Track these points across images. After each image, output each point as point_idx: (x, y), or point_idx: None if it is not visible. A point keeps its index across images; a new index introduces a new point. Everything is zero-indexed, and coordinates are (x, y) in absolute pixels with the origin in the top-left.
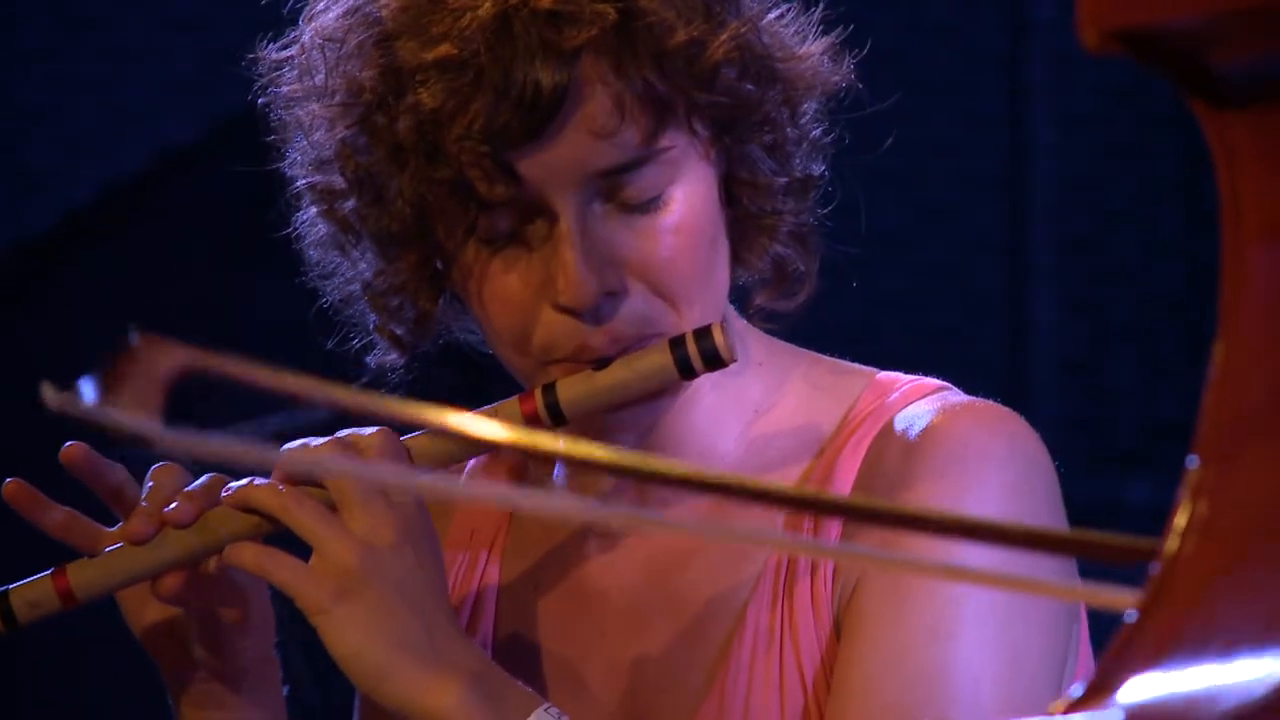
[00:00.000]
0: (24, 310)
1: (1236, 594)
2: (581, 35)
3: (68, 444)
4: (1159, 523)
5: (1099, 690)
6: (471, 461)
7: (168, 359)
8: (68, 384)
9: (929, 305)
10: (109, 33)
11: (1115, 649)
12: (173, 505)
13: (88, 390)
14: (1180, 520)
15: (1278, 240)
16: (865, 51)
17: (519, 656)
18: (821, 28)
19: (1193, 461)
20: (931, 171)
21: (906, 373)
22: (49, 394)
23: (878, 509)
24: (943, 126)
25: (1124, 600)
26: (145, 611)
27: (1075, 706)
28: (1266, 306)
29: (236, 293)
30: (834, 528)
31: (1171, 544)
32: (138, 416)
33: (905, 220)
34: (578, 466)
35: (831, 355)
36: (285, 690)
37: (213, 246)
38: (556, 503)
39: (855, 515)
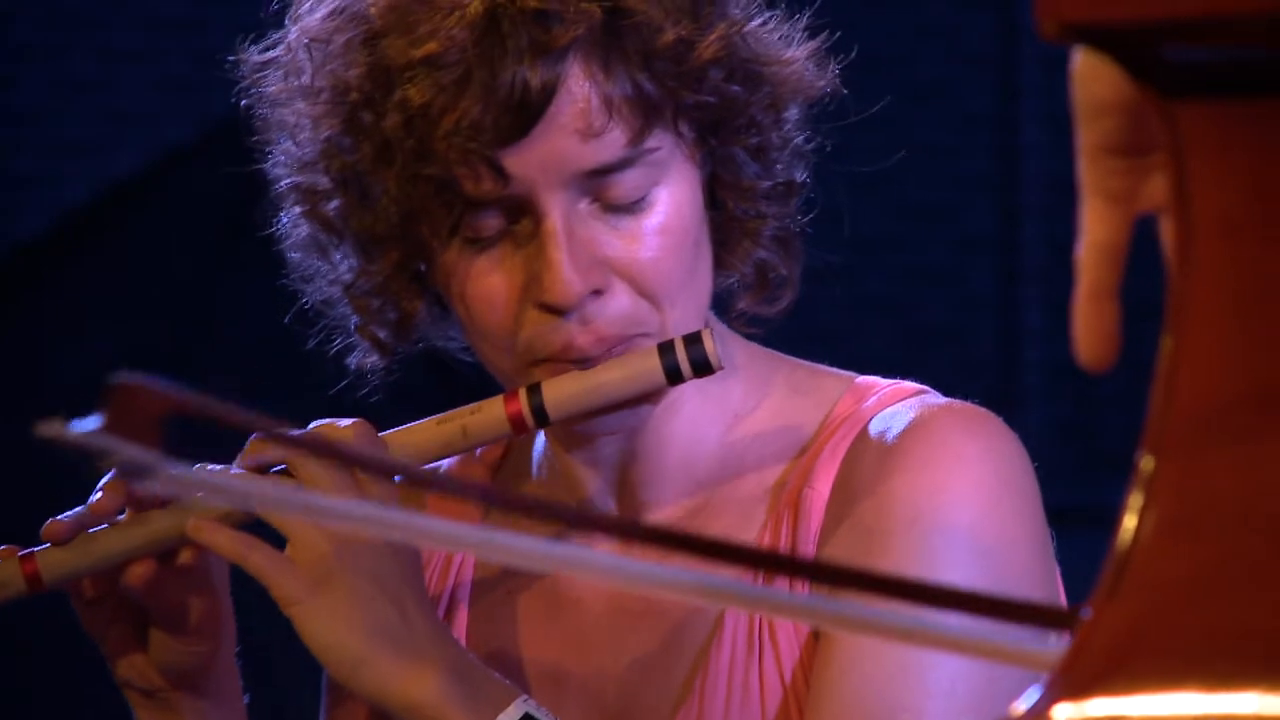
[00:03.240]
0: (18, 312)
1: (1203, 600)
2: (569, 34)
3: None
4: None
5: (1059, 690)
6: (446, 461)
7: (154, 400)
8: (59, 413)
9: (919, 308)
10: (103, 34)
11: (1073, 652)
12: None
13: (84, 424)
14: (1131, 517)
15: (1235, 234)
16: (855, 54)
17: (491, 660)
18: (807, 33)
19: (1145, 459)
20: (922, 174)
21: (889, 377)
22: (45, 427)
23: (842, 571)
24: (933, 128)
25: (1050, 659)
26: (104, 616)
27: (1036, 712)
28: (1229, 302)
29: (230, 293)
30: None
31: (1125, 539)
32: (131, 447)
33: (895, 223)
34: (563, 466)
35: (820, 358)
36: (246, 699)
37: (207, 247)
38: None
39: (819, 577)
